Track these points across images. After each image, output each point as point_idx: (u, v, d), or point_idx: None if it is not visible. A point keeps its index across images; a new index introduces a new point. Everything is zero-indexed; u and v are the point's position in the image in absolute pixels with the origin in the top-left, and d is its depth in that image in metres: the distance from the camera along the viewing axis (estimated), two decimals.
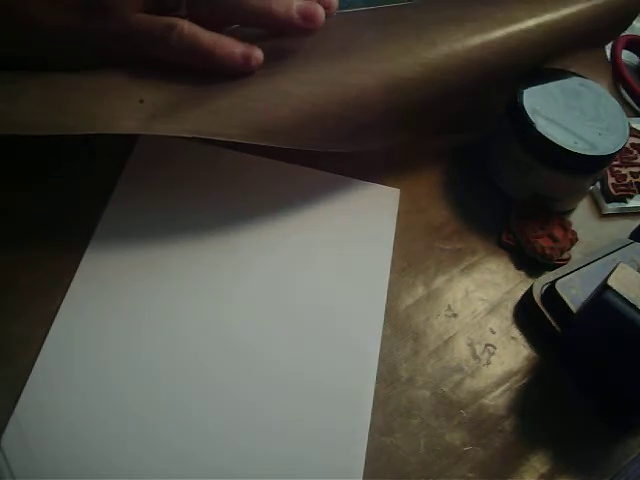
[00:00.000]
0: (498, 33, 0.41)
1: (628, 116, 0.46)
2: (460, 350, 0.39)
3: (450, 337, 0.40)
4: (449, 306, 0.41)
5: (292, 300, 0.38)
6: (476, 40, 0.40)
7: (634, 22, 0.48)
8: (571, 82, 0.44)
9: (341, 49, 0.40)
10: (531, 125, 0.41)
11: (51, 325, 0.35)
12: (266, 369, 0.36)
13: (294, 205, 0.42)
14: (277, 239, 0.41)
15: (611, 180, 0.48)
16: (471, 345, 0.39)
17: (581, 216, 0.46)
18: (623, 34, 0.58)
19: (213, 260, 0.39)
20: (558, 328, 0.39)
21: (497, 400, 0.38)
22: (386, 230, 0.42)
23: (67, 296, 0.36)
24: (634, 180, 0.48)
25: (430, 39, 0.40)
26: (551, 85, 0.44)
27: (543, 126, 0.41)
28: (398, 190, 0.44)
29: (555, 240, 0.43)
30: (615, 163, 0.48)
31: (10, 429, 0.32)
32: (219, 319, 0.37)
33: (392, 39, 0.40)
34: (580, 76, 0.45)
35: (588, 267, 0.41)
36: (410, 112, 0.41)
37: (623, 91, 0.54)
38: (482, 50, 0.40)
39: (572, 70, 0.45)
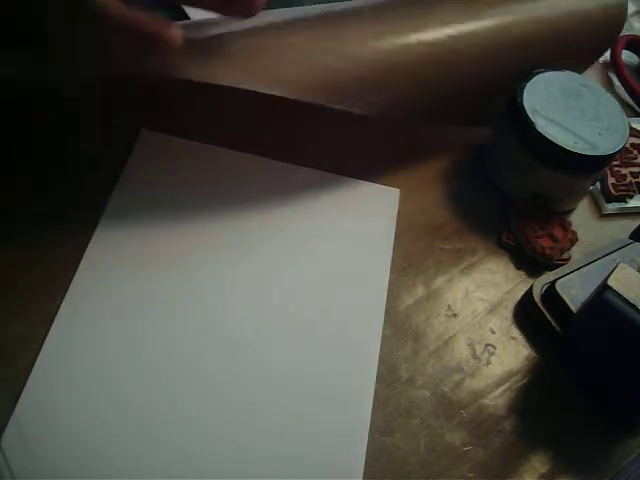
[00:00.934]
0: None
1: (628, 116, 0.46)
2: (460, 350, 0.39)
3: (450, 337, 0.40)
4: (449, 306, 0.41)
5: (292, 300, 0.38)
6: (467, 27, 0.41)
7: (634, 22, 0.48)
8: (571, 82, 0.44)
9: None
10: (531, 125, 0.41)
11: (51, 325, 0.35)
12: (266, 369, 0.36)
13: (294, 205, 0.42)
14: (276, 238, 0.40)
15: (611, 180, 0.48)
16: (471, 345, 0.39)
17: (581, 216, 0.46)
18: (623, 34, 0.58)
19: (213, 263, 0.39)
20: (558, 328, 0.39)
21: (497, 400, 0.38)
22: (386, 230, 0.42)
23: (67, 296, 0.36)
24: (634, 180, 0.48)
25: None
26: (551, 85, 0.44)
27: (543, 126, 0.41)
28: (398, 190, 0.44)
29: (555, 240, 0.43)
30: (615, 163, 0.48)
31: (10, 429, 0.32)
32: (219, 319, 0.37)
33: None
34: (580, 76, 0.45)
35: (588, 267, 0.41)
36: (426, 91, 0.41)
37: (623, 91, 0.54)
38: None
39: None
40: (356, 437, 0.35)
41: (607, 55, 0.56)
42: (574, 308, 0.38)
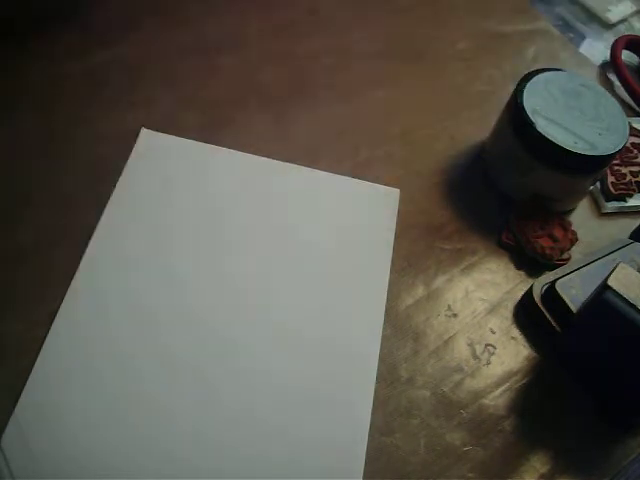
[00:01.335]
0: None
1: (628, 116, 0.46)
2: (460, 350, 0.39)
3: (450, 337, 0.39)
4: (449, 306, 0.41)
5: (292, 300, 0.38)
6: None
7: (634, 22, 0.48)
8: (571, 82, 0.44)
9: None
10: (531, 125, 0.41)
11: (51, 325, 0.35)
12: (266, 370, 0.36)
13: (294, 204, 0.42)
14: (276, 238, 0.40)
15: (611, 179, 0.48)
16: (471, 345, 0.39)
17: (581, 216, 0.46)
18: (623, 34, 0.58)
19: (211, 262, 0.39)
20: (558, 328, 0.39)
21: (497, 400, 0.38)
22: (386, 230, 0.42)
23: (67, 296, 0.36)
24: (634, 179, 0.48)
25: None
26: (551, 85, 0.44)
27: (543, 126, 0.41)
28: (398, 190, 0.44)
29: (555, 240, 0.43)
30: (615, 162, 0.48)
31: (10, 429, 0.32)
32: (218, 321, 0.37)
33: None
34: (580, 76, 0.45)
35: (588, 267, 0.41)
36: None
37: (623, 91, 0.54)
38: None
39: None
40: (356, 437, 0.35)
41: (607, 55, 0.56)
42: (574, 308, 0.38)
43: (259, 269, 0.39)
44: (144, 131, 0.43)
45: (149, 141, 0.43)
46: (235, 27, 0.50)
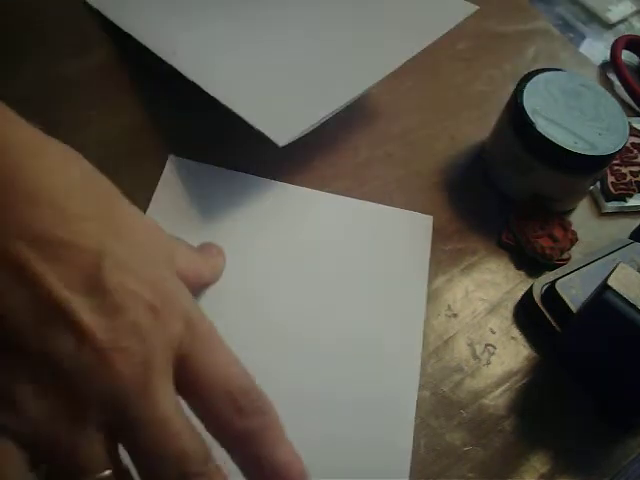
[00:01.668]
0: None
1: (628, 116, 0.46)
2: (460, 350, 0.39)
3: (450, 337, 0.40)
4: (449, 306, 0.41)
5: (337, 321, 0.38)
6: None
7: (634, 22, 0.48)
8: (571, 82, 0.44)
9: None
10: (531, 125, 0.41)
11: None
12: (320, 380, 0.36)
13: (330, 233, 0.42)
14: (313, 267, 0.40)
15: (611, 179, 0.48)
16: (471, 345, 0.39)
17: (581, 216, 0.46)
18: (623, 34, 0.58)
19: (243, 285, 0.38)
20: (558, 328, 0.39)
21: (497, 400, 0.38)
22: (421, 257, 0.42)
23: None
24: (634, 179, 0.48)
25: None
26: (551, 85, 0.44)
27: (543, 126, 0.41)
28: (431, 217, 0.43)
29: (555, 240, 0.43)
30: (615, 162, 0.48)
31: None
32: (256, 339, 0.37)
33: None
34: (580, 76, 0.45)
35: (588, 267, 0.41)
36: None
37: (623, 91, 0.54)
38: None
39: None
40: (403, 439, 0.35)
41: (607, 55, 0.56)
42: (574, 308, 0.38)
43: (295, 294, 0.39)
44: (172, 157, 0.42)
45: (177, 167, 0.42)
46: None
